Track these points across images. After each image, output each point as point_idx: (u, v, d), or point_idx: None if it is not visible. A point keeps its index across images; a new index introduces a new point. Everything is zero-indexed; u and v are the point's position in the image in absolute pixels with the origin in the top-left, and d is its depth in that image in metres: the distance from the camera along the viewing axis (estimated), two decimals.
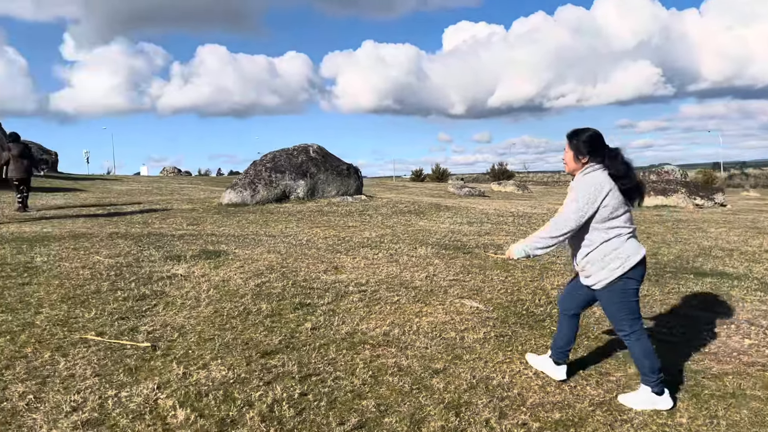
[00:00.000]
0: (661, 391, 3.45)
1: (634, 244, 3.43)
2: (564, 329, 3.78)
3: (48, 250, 6.56)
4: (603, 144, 3.46)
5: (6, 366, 3.71)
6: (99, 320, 4.55)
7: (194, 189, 21.09)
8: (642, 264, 3.42)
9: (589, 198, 3.32)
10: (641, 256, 3.41)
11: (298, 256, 6.84)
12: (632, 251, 3.39)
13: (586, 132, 3.49)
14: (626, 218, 3.42)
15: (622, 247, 3.38)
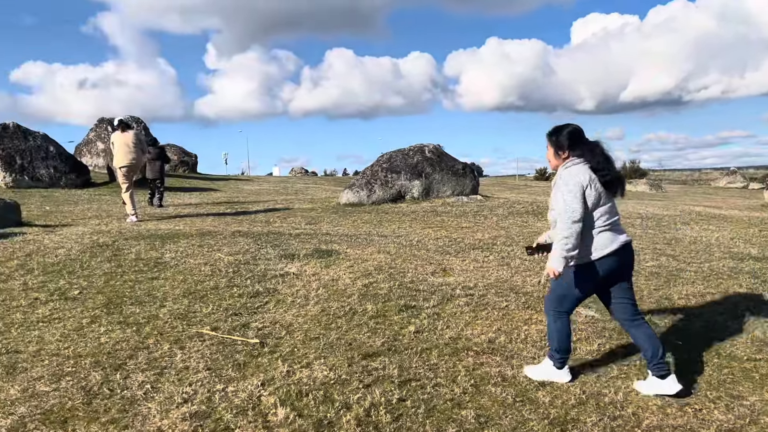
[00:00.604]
0: (561, 365, 3.68)
1: (606, 237, 3.49)
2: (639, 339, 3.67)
3: (177, 246, 7.03)
4: (582, 139, 3.57)
5: (130, 356, 3.99)
6: (215, 315, 4.78)
7: (317, 189, 21.85)
8: (611, 257, 3.48)
9: (574, 193, 3.43)
10: (609, 251, 3.47)
11: (407, 257, 6.81)
12: (600, 245, 3.48)
13: (565, 128, 3.60)
14: (604, 210, 3.49)
15: (598, 237, 3.49)
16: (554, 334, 3.70)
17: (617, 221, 3.57)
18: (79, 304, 4.97)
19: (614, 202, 3.58)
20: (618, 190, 3.56)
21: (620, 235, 3.55)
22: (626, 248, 3.56)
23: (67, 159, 18.75)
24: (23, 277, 5.68)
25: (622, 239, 3.54)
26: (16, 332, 4.34)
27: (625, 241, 3.55)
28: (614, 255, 3.50)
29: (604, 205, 3.50)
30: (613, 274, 3.58)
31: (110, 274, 5.84)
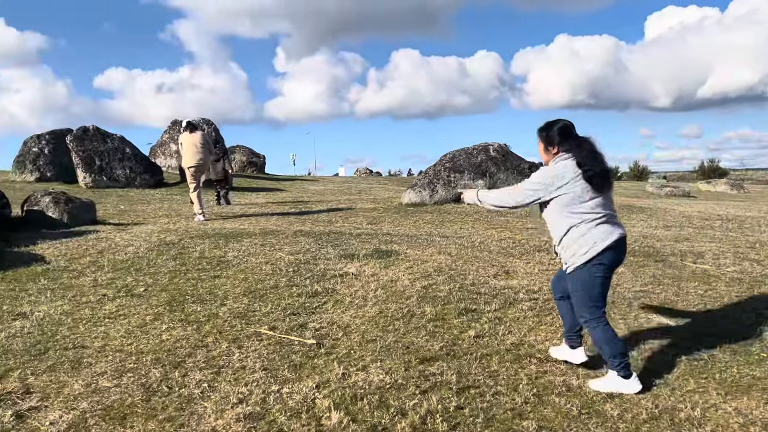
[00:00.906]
0: (627, 375, 3.49)
1: (603, 229, 3.49)
2: (563, 312, 3.92)
3: (240, 245, 7.12)
4: (570, 134, 3.60)
5: (189, 354, 4.03)
6: (273, 315, 4.78)
7: (381, 189, 21.87)
8: (612, 249, 3.48)
9: (543, 181, 3.52)
10: (610, 242, 3.47)
11: (468, 259, 6.64)
12: (600, 237, 3.47)
13: (555, 124, 3.65)
14: (595, 204, 3.50)
15: (589, 233, 3.48)
16: (601, 342, 3.57)
17: (612, 214, 3.59)
18: (144, 301, 5.09)
19: (608, 197, 3.60)
20: (603, 186, 3.53)
21: (617, 228, 3.57)
22: (621, 241, 3.56)
23: (141, 160, 19.51)
24: (94, 274, 5.88)
25: (619, 232, 3.56)
26: (84, 328, 4.47)
27: (621, 234, 3.56)
28: (615, 247, 3.51)
29: (594, 199, 3.52)
30: (615, 267, 3.60)
31: (174, 272, 5.96)
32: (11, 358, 3.93)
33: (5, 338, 4.26)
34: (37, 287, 5.45)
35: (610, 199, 3.62)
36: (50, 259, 6.43)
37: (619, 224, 3.63)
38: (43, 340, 4.22)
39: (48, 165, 19.58)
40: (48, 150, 19.80)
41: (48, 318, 4.66)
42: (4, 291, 5.35)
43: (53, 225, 8.27)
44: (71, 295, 5.24)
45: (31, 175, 19.38)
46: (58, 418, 3.20)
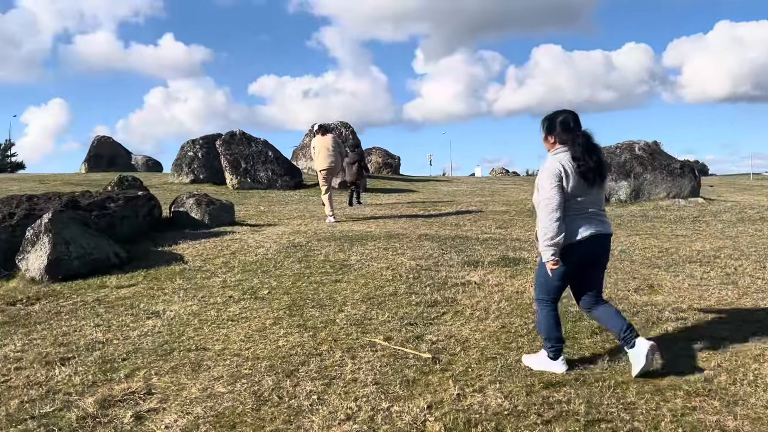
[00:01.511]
0: (555, 356, 3.71)
1: (579, 225, 3.58)
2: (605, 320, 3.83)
3: (363, 249, 7.07)
4: (570, 127, 3.63)
5: (303, 362, 3.97)
6: (390, 324, 4.61)
7: (515, 190, 21.15)
8: (583, 243, 3.57)
9: (551, 184, 3.55)
10: (581, 237, 3.56)
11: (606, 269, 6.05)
12: (573, 232, 3.56)
13: (557, 116, 3.70)
14: (581, 199, 3.58)
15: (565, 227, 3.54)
16: (542, 322, 3.81)
17: (595, 212, 3.66)
18: (266, 304, 5.15)
19: (596, 193, 3.67)
20: (595, 181, 3.60)
21: (596, 225, 3.64)
22: (597, 237, 3.63)
23: (282, 162, 20.43)
24: (224, 275, 6.09)
25: (596, 229, 3.62)
26: (208, 329, 4.59)
27: (598, 231, 3.63)
28: (587, 242, 3.59)
29: (582, 195, 3.59)
30: (587, 261, 3.69)
31: (299, 275, 6.01)
32: (140, 357, 4.11)
33: (138, 336, 4.47)
34: (173, 287, 5.74)
35: (599, 195, 3.71)
36: (188, 259, 6.79)
37: (601, 221, 3.69)
38: (170, 340, 4.38)
39: (201, 168, 21.06)
40: (201, 154, 21.32)
41: (177, 318, 4.85)
42: (144, 289, 5.69)
43: (195, 225, 8.79)
44: (201, 295, 5.44)
45: (186, 177, 20.95)
46: (173, 422, 3.25)
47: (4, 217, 6.57)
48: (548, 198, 3.57)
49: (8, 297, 5.62)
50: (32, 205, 7.01)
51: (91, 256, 6.29)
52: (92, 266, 6.25)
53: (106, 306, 5.23)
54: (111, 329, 4.65)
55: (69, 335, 4.55)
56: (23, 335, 4.58)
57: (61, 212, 6.41)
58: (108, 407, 3.43)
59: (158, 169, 33.22)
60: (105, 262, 6.38)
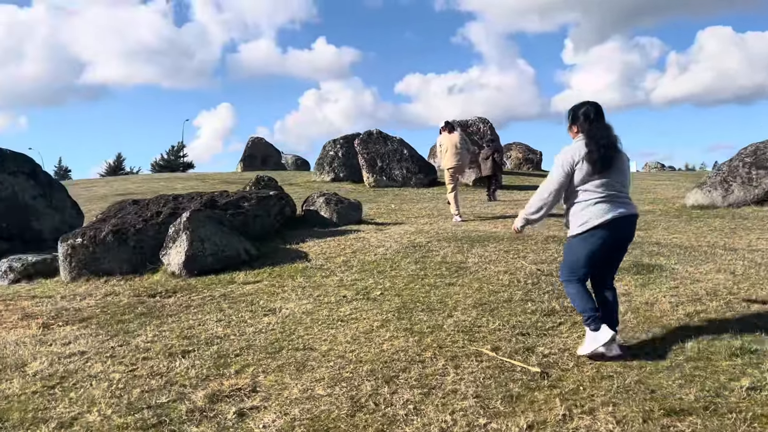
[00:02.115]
0: (596, 326, 3.83)
1: (600, 208, 3.80)
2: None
3: (483, 251, 6.84)
4: (589, 117, 3.87)
5: (404, 368, 3.88)
6: (500, 333, 4.39)
7: (667, 186, 19.50)
8: (604, 227, 3.77)
9: (558, 169, 3.87)
10: (602, 221, 3.77)
11: (758, 281, 5.31)
12: (594, 215, 3.79)
13: (581, 107, 3.93)
14: (598, 184, 3.80)
15: (585, 210, 3.82)
16: (573, 298, 3.99)
17: (616, 195, 3.84)
18: (377, 305, 5.14)
19: (615, 177, 3.84)
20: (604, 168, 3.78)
21: (618, 208, 3.81)
22: (620, 220, 3.80)
23: (417, 160, 20.54)
24: (342, 274, 6.18)
25: (618, 212, 3.80)
26: (317, 329, 4.66)
27: (620, 214, 3.80)
28: (609, 225, 3.78)
29: (596, 180, 3.80)
30: (612, 245, 3.87)
31: (413, 276, 5.94)
32: (251, 354, 4.26)
33: (252, 333, 4.66)
34: (293, 284, 5.93)
35: (619, 180, 3.86)
36: (311, 257, 6.99)
37: (624, 204, 3.85)
38: (281, 338, 4.51)
39: (341, 166, 21.76)
40: (341, 153, 22.03)
41: (291, 316, 4.99)
42: (266, 286, 5.94)
43: (324, 224, 9.06)
44: (317, 294, 5.56)
45: (327, 175, 21.77)
46: (271, 422, 3.31)
47: (151, 216, 7.20)
48: (549, 179, 3.93)
49: (150, 289, 6.13)
50: (177, 204, 7.62)
51: (224, 252, 6.69)
52: (224, 262, 6.64)
53: (230, 301, 5.52)
54: (230, 325, 4.88)
55: (193, 329, 4.85)
56: (155, 327, 4.96)
57: (198, 212, 6.88)
58: (215, 402, 3.58)
59: (306, 167, 34.93)
60: (236, 258, 6.76)
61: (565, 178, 3.85)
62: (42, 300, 6.09)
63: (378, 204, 13.91)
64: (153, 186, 20.77)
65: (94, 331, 4.95)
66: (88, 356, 4.39)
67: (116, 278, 6.61)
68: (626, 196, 3.91)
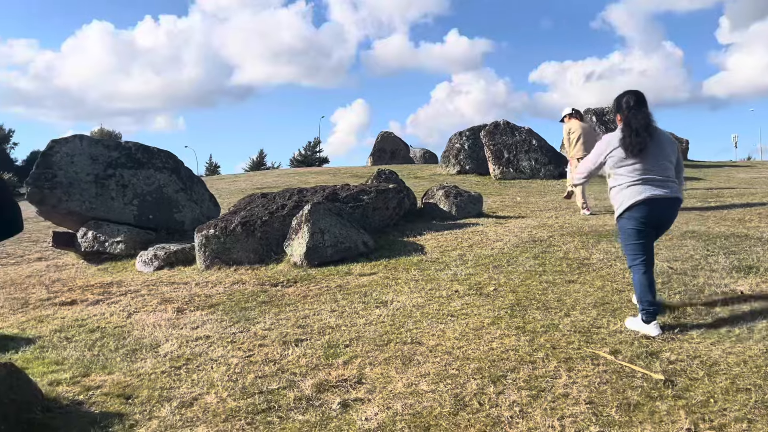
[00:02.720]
0: (648, 320, 4.03)
1: (635, 190, 4.07)
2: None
3: (610, 246, 6.41)
4: (629, 105, 4.17)
5: (513, 368, 3.73)
6: (621, 335, 4.07)
7: None
8: (639, 206, 4.05)
9: (595, 151, 4.36)
10: (634, 201, 4.05)
11: None
12: (627, 197, 4.10)
13: (624, 95, 4.26)
14: (631, 169, 4.09)
15: (620, 193, 4.16)
16: (635, 285, 4.19)
17: (653, 178, 4.06)
18: (489, 301, 4.98)
19: (654, 161, 4.07)
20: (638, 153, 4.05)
21: (654, 189, 4.05)
22: (655, 201, 4.04)
23: (546, 151, 19.80)
24: (456, 268, 6.08)
25: (652, 193, 4.04)
26: (426, 323, 4.61)
27: (655, 195, 4.04)
28: (643, 204, 4.05)
29: (634, 163, 4.08)
30: (651, 223, 4.11)
31: (530, 272, 5.70)
32: (360, 345, 4.30)
33: (363, 325, 4.70)
34: (407, 277, 5.93)
35: (656, 164, 4.07)
36: (427, 251, 6.95)
37: (659, 186, 4.06)
38: (390, 331, 4.51)
39: (467, 159, 21.52)
40: (467, 145, 21.77)
41: (402, 309, 4.98)
42: (381, 278, 5.98)
43: (443, 216, 8.98)
44: (429, 288, 5.51)
45: (453, 168, 21.63)
46: (373, 415, 3.32)
47: (277, 208, 7.53)
48: (586, 159, 4.45)
49: (273, 278, 6.42)
50: (301, 198, 7.91)
51: (342, 244, 6.84)
52: (343, 254, 6.79)
53: (344, 292, 5.63)
54: (343, 315, 4.97)
55: (308, 318, 5.00)
56: (273, 315, 5.18)
57: (318, 204, 7.09)
58: (322, 391, 3.66)
59: (434, 160, 35.01)
60: (354, 250, 6.89)
61: (598, 159, 4.29)
62: (179, 286, 6.59)
63: (503, 196, 13.59)
64: (288, 180, 21.81)
65: (219, 317, 5.27)
66: (212, 340, 4.68)
67: (244, 267, 6.99)
68: (666, 180, 4.12)
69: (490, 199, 13.30)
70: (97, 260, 8.53)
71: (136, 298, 6.29)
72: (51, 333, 5.32)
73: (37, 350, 4.89)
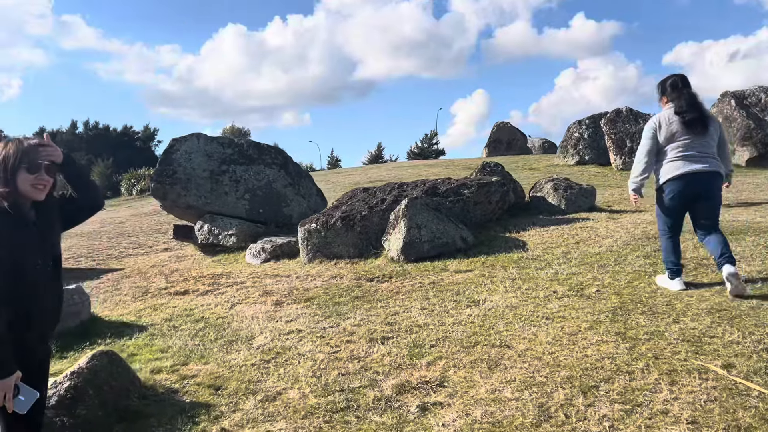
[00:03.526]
0: (672, 276, 4.70)
1: (674, 165, 4.57)
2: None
3: (735, 246, 5.76)
4: (677, 87, 4.61)
5: (607, 378, 3.44)
6: (737, 347, 3.63)
7: None
8: (675, 180, 4.56)
9: (645, 135, 4.73)
10: (672, 175, 4.56)
11: None
12: (668, 170, 4.60)
13: (667, 79, 4.71)
14: (677, 145, 4.55)
15: (662, 168, 4.65)
16: (663, 248, 4.87)
17: (693, 154, 4.53)
18: (590, 304, 4.65)
19: (696, 138, 4.53)
20: (696, 129, 4.52)
21: (691, 164, 4.51)
22: (692, 175, 4.51)
23: None
24: (558, 266, 5.75)
25: (689, 168, 4.50)
26: (518, 325, 4.38)
27: (692, 170, 4.50)
28: (679, 179, 4.55)
29: (679, 140, 4.55)
30: (688, 196, 4.59)
31: (639, 272, 5.26)
32: (446, 346, 4.17)
33: (451, 324, 4.56)
34: (503, 275, 5.69)
35: (700, 141, 4.53)
36: (530, 247, 6.64)
37: (699, 162, 4.52)
38: (479, 332, 4.34)
39: (586, 149, 20.47)
40: (587, 134, 20.71)
41: (494, 309, 4.78)
42: (476, 276, 5.79)
43: (551, 211, 8.56)
44: (526, 287, 5.25)
45: (571, 159, 20.69)
46: (451, 421, 3.20)
47: (377, 203, 7.54)
48: (641, 145, 4.73)
49: (370, 273, 6.43)
50: (401, 192, 7.87)
51: (439, 239, 6.71)
52: (439, 249, 6.67)
53: (437, 290, 5.51)
54: (432, 314, 4.86)
55: (397, 315, 4.94)
56: (365, 311, 5.17)
57: (415, 199, 7.00)
58: (402, 392, 3.59)
59: (553, 150, 33.69)
60: (451, 246, 6.74)
61: (652, 141, 4.66)
62: (281, 279, 6.79)
63: (622, 189, 12.70)
64: (400, 173, 21.91)
65: (313, 311, 5.35)
66: (302, 335, 4.75)
67: (344, 261, 7.06)
68: (707, 156, 4.55)
69: (608, 191, 12.54)
70: (212, 252, 9.02)
71: (241, 289, 6.56)
72: (162, 321, 5.68)
73: (148, 337, 5.23)
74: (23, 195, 2.38)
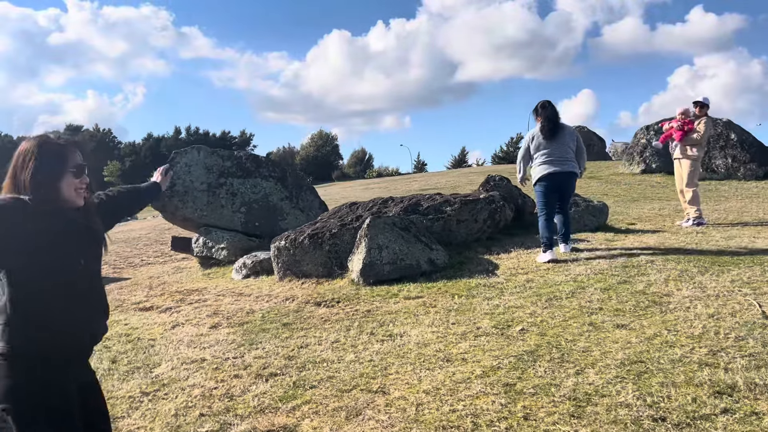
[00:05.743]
0: (545, 250, 6.25)
1: (541, 168, 6.47)
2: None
3: (712, 280, 5.00)
4: (541, 108, 6.65)
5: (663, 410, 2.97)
6: (624, 410, 3.05)
7: None
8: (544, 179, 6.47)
9: (522, 146, 6.79)
10: (540, 175, 6.46)
11: None
12: (538, 172, 6.49)
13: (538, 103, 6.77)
14: (541, 153, 6.49)
15: (535, 169, 6.51)
16: (539, 226, 6.42)
17: (553, 159, 6.43)
18: (503, 345, 4.12)
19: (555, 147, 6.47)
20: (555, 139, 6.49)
21: (551, 167, 6.41)
22: (554, 175, 6.42)
23: (749, 147, 16.85)
24: (508, 297, 5.20)
25: (551, 169, 6.40)
26: (411, 367, 3.95)
27: (553, 171, 6.41)
28: (546, 178, 6.44)
29: (542, 150, 6.48)
30: (553, 189, 6.47)
31: (582, 309, 4.64)
32: (323, 388, 3.82)
33: (347, 363, 4.20)
34: (444, 305, 5.23)
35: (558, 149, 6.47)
36: (498, 272, 6.11)
37: (558, 165, 6.44)
38: (368, 373, 3.96)
39: (653, 156, 19.18)
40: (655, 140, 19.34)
41: (402, 347, 4.36)
42: (417, 305, 5.35)
43: None
44: (453, 321, 4.76)
45: (637, 167, 19.45)
46: None
47: (351, 220, 7.23)
48: (519, 153, 6.87)
49: (323, 296, 6.12)
50: (383, 207, 7.51)
51: (403, 262, 6.31)
52: (401, 272, 6.27)
53: (366, 320, 5.13)
54: (340, 348, 4.51)
55: (306, 348, 4.62)
56: (280, 341, 4.89)
57: (378, 218, 6.62)
58: None
59: None
60: (415, 268, 6.31)
61: (525, 150, 6.68)
62: (242, 298, 6.62)
63: (670, 202, 11.64)
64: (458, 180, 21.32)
65: (235, 337, 5.13)
66: (203, 365, 4.54)
67: (311, 281, 6.80)
68: (566, 160, 6.46)
69: (648, 205, 11.57)
70: (207, 265, 9.03)
71: (198, 308, 6.45)
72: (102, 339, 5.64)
73: None
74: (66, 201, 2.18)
